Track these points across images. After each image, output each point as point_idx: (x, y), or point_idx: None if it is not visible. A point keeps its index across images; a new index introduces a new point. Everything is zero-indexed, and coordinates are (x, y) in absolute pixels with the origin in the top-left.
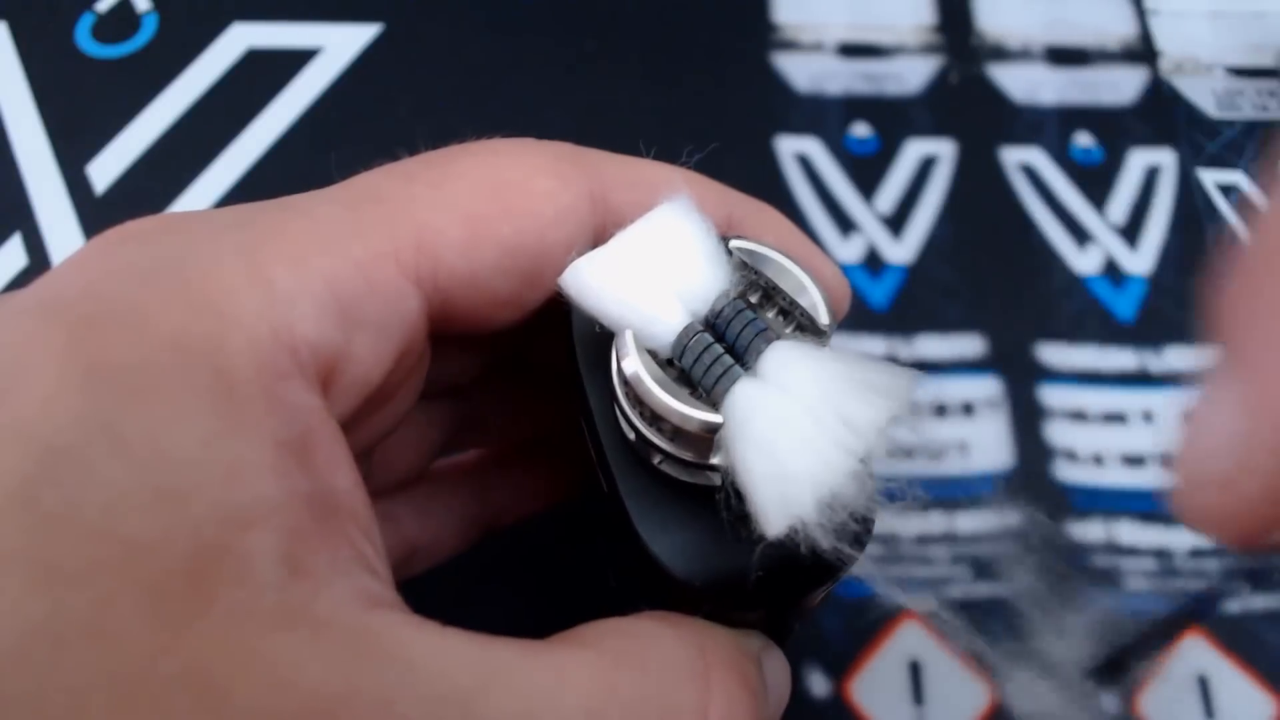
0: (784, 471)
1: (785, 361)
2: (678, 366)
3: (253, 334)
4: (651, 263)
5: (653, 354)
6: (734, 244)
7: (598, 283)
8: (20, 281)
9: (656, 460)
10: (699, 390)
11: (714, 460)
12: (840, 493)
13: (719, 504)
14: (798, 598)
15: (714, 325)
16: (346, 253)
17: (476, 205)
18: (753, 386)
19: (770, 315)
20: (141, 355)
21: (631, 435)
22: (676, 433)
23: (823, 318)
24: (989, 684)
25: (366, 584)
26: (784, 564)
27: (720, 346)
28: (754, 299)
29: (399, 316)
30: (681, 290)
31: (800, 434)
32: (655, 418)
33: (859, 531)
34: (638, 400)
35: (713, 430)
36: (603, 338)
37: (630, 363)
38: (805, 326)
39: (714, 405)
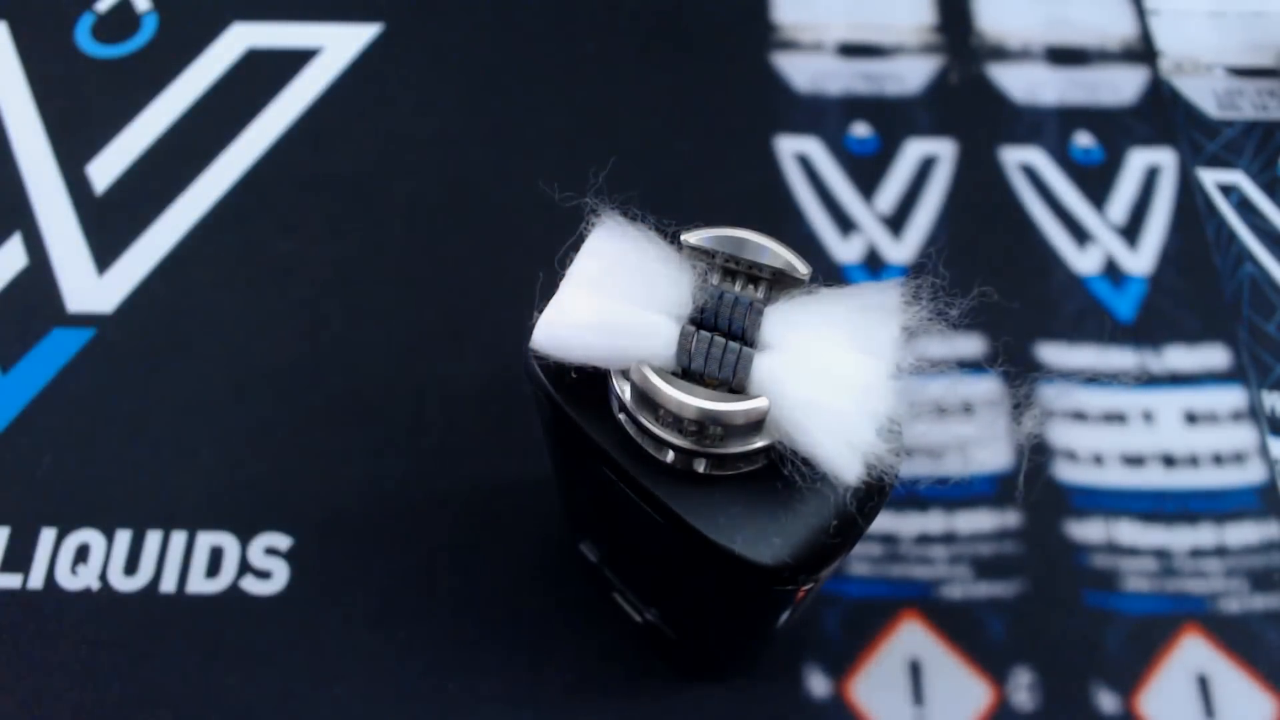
0: (838, 420)
1: (785, 323)
2: (684, 371)
3: None
4: (615, 288)
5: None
6: (683, 238)
7: (575, 330)
8: (20, 281)
9: (701, 467)
10: (718, 384)
11: (759, 443)
12: (888, 413)
13: (767, 481)
14: (864, 529)
15: (702, 320)
16: None
17: None
18: (769, 359)
19: (747, 288)
20: None
21: (669, 457)
22: (726, 431)
23: (799, 268)
24: (989, 684)
25: None
26: (852, 502)
27: (720, 336)
28: (722, 280)
29: None
30: (655, 301)
31: (832, 380)
32: (700, 427)
33: (900, 441)
34: (676, 419)
35: (763, 414)
36: (581, 384)
37: (661, 387)
38: (783, 283)
39: (740, 391)
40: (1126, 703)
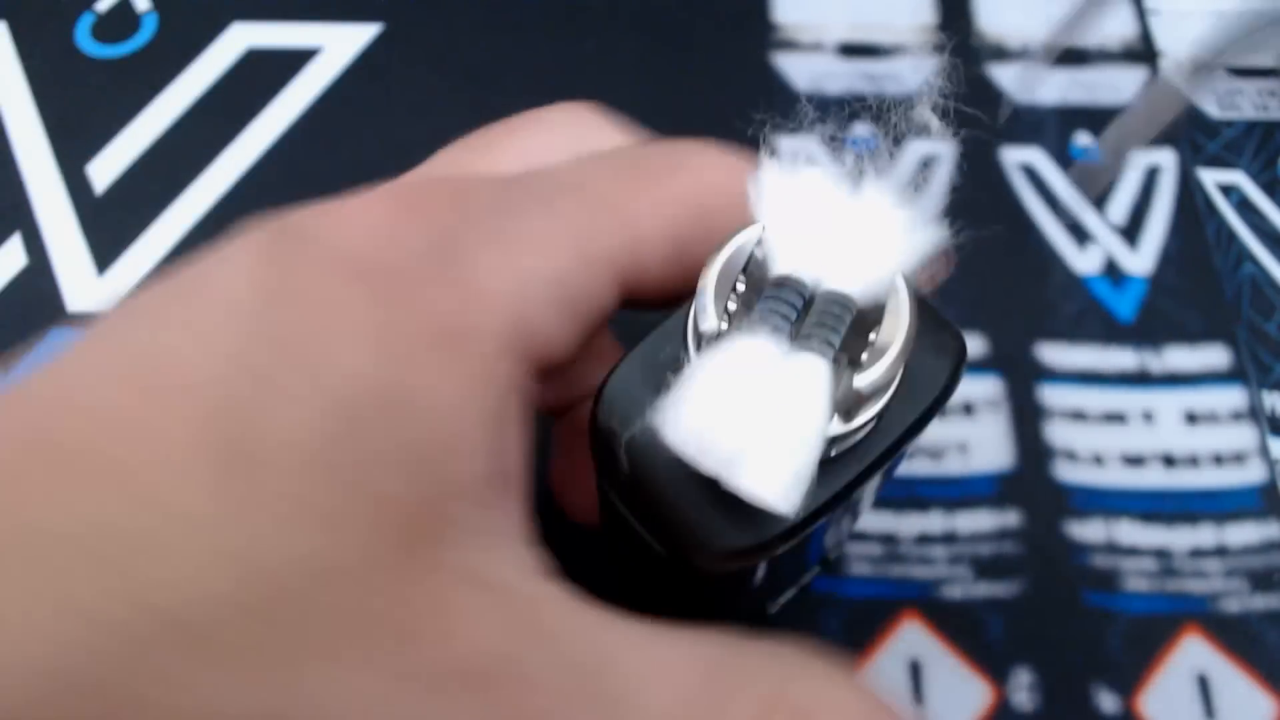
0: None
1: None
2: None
3: (501, 318)
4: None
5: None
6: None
7: (715, 439)
8: (21, 281)
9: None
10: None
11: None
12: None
13: None
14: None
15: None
16: (578, 251)
17: (683, 227)
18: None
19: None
20: (415, 325)
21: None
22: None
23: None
24: (989, 684)
25: (530, 552)
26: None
27: None
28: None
29: (600, 311)
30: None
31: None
32: None
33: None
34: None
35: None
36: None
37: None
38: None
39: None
40: (1126, 703)
